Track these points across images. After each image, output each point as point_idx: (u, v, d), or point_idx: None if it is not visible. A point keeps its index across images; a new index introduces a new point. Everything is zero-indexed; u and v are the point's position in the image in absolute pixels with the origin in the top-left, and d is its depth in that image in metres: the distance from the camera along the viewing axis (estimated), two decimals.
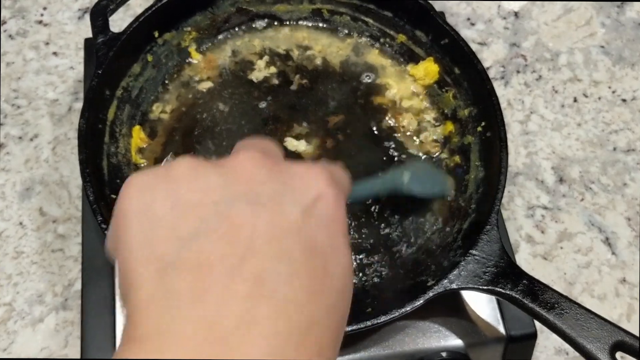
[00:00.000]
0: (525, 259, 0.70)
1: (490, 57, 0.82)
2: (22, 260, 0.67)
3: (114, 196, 0.54)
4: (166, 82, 0.63)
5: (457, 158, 0.60)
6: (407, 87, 0.64)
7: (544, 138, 0.77)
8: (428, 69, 0.63)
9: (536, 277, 0.50)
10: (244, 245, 0.27)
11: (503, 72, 0.81)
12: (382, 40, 0.66)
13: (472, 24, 0.84)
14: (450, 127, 0.62)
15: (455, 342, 0.54)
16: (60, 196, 0.69)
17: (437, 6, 0.73)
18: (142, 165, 0.59)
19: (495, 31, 0.84)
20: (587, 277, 0.70)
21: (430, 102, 0.63)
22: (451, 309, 0.56)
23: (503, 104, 0.78)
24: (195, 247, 0.26)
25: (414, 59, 0.65)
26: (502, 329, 0.55)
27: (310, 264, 0.28)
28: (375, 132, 0.62)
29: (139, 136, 0.59)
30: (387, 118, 0.62)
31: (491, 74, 0.80)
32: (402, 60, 0.65)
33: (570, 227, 0.72)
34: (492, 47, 0.83)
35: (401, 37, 0.65)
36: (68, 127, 0.73)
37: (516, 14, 0.86)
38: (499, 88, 0.79)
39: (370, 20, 0.66)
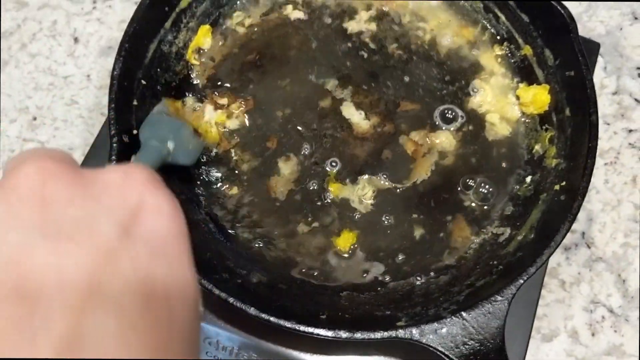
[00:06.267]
0: (555, 352, 0.59)
1: None
2: (72, 109, 0.67)
3: (144, 82, 0.51)
4: None
5: (515, 207, 0.50)
6: (505, 105, 0.54)
7: None
8: (537, 96, 0.52)
9: None
10: (45, 301, 0.19)
11: None
12: (505, 44, 0.56)
13: None
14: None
15: None
16: None
17: (611, 39, 0.62)
18: (193, 65, 0.55)
19: None
20: None
21: (523, 132, 0.53)
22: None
23: (627, 177, 0.65)
24: None
25: (529, 79, 0.54)
26: None
27: (149, 314, 0.21)
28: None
29: (204, 36, 0.55)
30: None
31: (631, 138, 0.67)
32: (515, 74, 0.55)
33: (628, 345, 0.59)
34: None
35: (527, 50, 0.54)
36: None
37: None
38: (632, 158, 0.66)
39: (503, 17, 0.55)
